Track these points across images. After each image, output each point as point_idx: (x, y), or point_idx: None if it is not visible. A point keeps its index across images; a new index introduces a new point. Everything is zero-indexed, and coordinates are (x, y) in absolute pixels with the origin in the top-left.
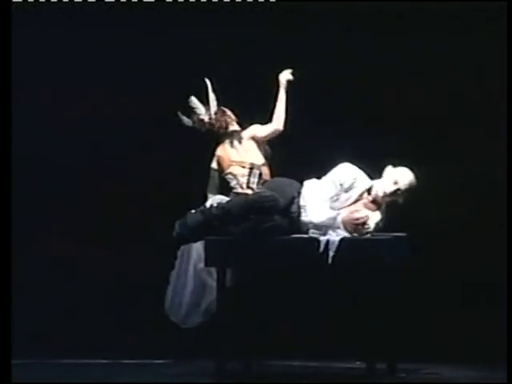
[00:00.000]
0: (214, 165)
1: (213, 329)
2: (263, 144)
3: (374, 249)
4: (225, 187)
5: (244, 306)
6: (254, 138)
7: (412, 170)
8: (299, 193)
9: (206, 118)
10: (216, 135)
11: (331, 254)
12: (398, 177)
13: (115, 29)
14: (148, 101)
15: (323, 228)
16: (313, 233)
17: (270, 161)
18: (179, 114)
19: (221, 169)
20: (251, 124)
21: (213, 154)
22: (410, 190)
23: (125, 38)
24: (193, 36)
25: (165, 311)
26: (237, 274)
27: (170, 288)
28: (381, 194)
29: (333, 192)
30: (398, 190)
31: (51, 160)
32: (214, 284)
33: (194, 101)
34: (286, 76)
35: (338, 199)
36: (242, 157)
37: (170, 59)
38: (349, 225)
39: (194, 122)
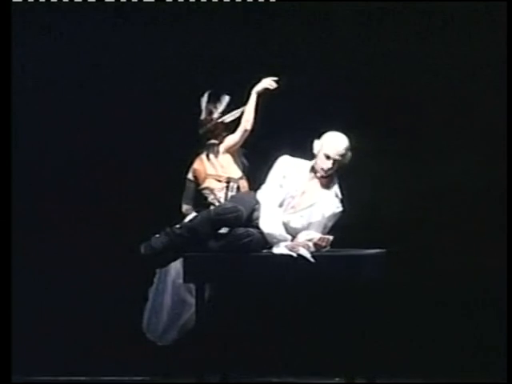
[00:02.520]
0: (190, 176)
1: (191, 345)
2: (239, 157)
3: (352, 265)
4: (202, 202)
5: (222, 321)
6: (228, 151)
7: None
8: (256, 200)
9: (214, 117)
10: (206, 138)
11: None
12: (328, 150)
13: (115, 29)
14: (148, 101)
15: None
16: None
17: (248, 173)
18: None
19: (197, 182)
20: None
21: (190, 165)
22: (346, 154)
23: (125, 38)
24: (193, 36)
25: (142, 328)
26: (216, 290)
27: (149, 305)
28: (322, 172)
29: (280, 197)
30: (335, 162)
31: (51, 160)
32: (193, 301)
33: (205, 99)
34: (265, 83)
35: (288, 203)
36: (218, 170)
37: (170, 59)
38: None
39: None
